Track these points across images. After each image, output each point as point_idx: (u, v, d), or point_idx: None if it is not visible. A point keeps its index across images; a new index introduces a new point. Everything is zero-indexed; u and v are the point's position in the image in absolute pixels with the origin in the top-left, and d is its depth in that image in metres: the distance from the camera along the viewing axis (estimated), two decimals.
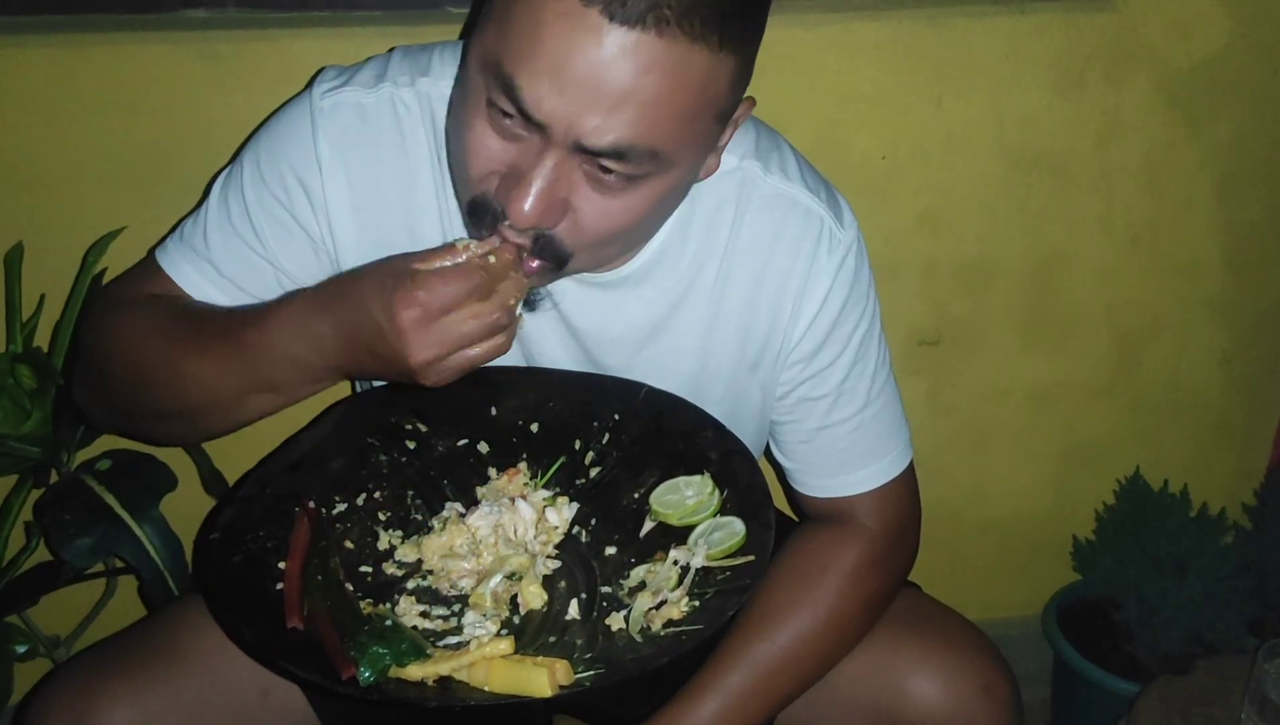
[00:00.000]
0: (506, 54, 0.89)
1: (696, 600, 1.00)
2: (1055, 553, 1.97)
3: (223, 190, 1.14)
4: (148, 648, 1.16)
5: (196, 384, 1.05)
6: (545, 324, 1.16)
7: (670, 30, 0.86)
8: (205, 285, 1.13)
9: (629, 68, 0.86)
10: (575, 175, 0.93)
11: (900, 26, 1.56)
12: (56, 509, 1.39)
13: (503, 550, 1.06)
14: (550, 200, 0.93)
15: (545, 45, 0.87)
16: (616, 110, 0.88)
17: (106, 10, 1.45)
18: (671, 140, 0.92)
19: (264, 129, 1.14)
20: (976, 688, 1.16)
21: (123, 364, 1.10)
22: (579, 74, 0.87)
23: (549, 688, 0.90)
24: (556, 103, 0.88)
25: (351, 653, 0.91)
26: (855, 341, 1.17)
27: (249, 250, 1.12)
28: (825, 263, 1.14)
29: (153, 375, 1.08)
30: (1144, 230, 1.76)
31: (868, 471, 1.21)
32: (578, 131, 0.89)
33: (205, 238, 1.13)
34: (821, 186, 1.17)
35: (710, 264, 1.14)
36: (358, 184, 1.10)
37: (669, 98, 0.89)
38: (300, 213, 1.11)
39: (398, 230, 1.12)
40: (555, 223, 0.95)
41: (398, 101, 1.10)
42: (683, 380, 1.18)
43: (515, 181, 0.93)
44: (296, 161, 1.10)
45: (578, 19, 0.86)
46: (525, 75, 0.88)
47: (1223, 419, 1.93)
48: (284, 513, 1.06)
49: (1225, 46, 1.64)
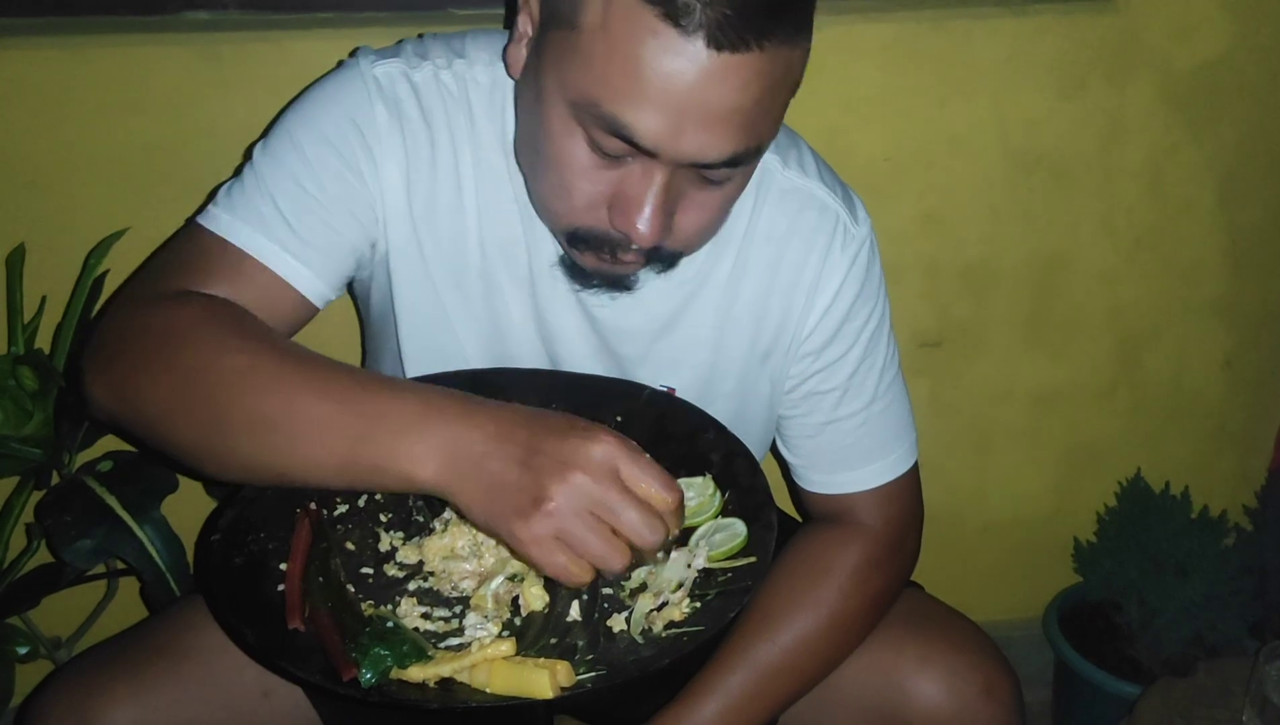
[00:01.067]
0: (605, 93, 0.89)
1: (698, 601, 1.00)
2: (1056, 554, 1.97)
3: (272, 154, 1.06)
4: (149, 649, 1.16)
5: (285, 439, 0.91)
6: (565, 313, 1.16)
7: (773, 42, 0.88)
8: (279, 252, 1.02)
9: (735, 85, 0.88)
10: (682, 183, 0.95)
11: (903, 28, 1.56)
12: (58, 510, 1.39)
13: (504, 552, 1.06)
14: (665, 217, 0.95)
15: (649, 80, 0.87)
16: (728, 125, 0.90)
17: (109, 12, 1.45)
18: (771, 132, 0.96)
19: (309, 97, 1.09)
20: (979, 688, 1.16)
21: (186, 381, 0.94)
22: (688, 102, 0.88)
23: (550, 689, 0.90)
24: (667, 131, 0.89)
25: (353, 654, 0.91)
26: (865, 337, 1.18)
27: (316, 206, 1.05)
28: (839, 257, 1.15)
29: (227, 405, 0.93)
30: (1146, 232, 1.76)
31: (872, 468, 1.21)
32: (692, 153, 0.91)
33: (275, 203, 1.03)
34: (837, 183, 1.19)
35: (727, 255, 1.15)
36: (411, 154, 1.09)
37: (772, 99, 0.92)
38: (365, 169, 1.07)
39: (439, 207, 1.12)
40: (671, 233, 0.98)
41: (441, 81, 1.10)
42: (696, 371, 1.18)
43: (629, 206, 0.94)
44: (360, 120, 1.07)
45: (680, 51, 0.86)
46: (632, 112, 0.89)
47: (1224, 421, 1.93)
48: (285, 514, 1.06)
49: (1227, 48, 1.64)
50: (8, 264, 1.45)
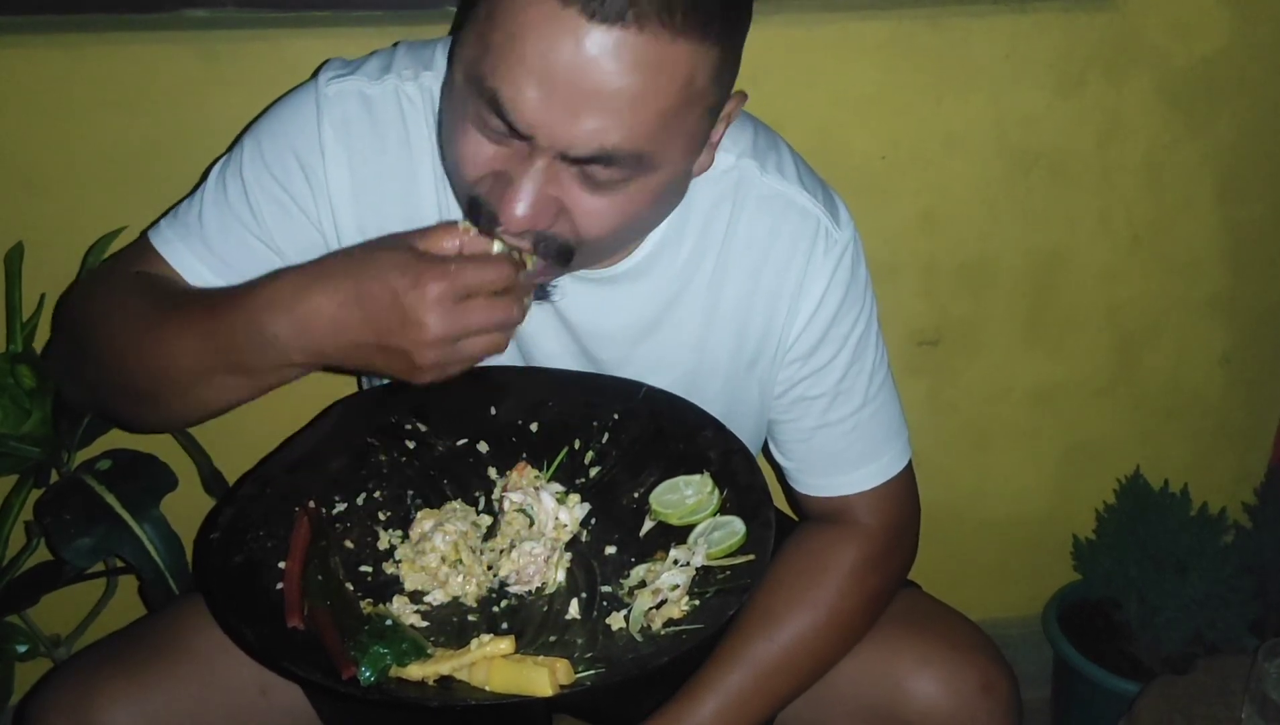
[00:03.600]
0: (488, 66, 0.89)
1: (697, 599, 1.00)
2: (1056, 552, 1.97)
3: (220, 173, 1.13)
4: (148, 647, 1.16)
5: (163, 356, 1.02)
6: (541, 318, 1.16)
7: (651, 24, 0.85)
8: (196, 263, 1.11)
9: (611, 68, 0.86)
10: (565, 176, 0.93)
11: (900, 26, 1.56)
12: (57, 509, 1.39)
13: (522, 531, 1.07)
14: (541, 204, 0.93)
15: (526, 52, 0.87)
16: (600, 115, 0.88)
17: (106, 10, 1.45)
18: (656, 140, 0.91)
19: (267, 114, 1.14)
20: (977, 687, 1.16)
21: (95, 334, 1.08)
22: (561, 79, 0.86)
23: (550, 687, 0.90)
24: (540, 112, 0.88)
25: (352, 652, 0.91)
26: (852, 341, 1.17)
27: (244, 230, 1.11)
28: (821, 263, 1.14)
29: (120, 343, 1.05)
30: (1144, 230, 1.76)
31: (865, 471, 1.21)
32: (563, 140, 0.89)
33: (200, 216, 1.12)
34: (818, 187, 1.17)
35: (706, 261, 1.14)
36: (359, 172, 1.10)
37: (652, 96, 0.88)
38: (299, 194, 1.10)
39: (396, 221, 1.12)
40: (549, 224, 0.95)
41: (402, 94, 1.10)
42: (678, 376, 1.18)
43: (505, 186, 0.93)
44: (299, 144, 1.09)
45: (557, 21, 0.85)
46: (508, 87, 0.88)
47: (1223, 419, 1.93)
48: (284, 512, 1.06)
49: (1226, 45, 1.64)
50: (6, 262, 1.44)
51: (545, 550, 1.05)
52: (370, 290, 0.92)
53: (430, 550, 1.04)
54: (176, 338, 1.01)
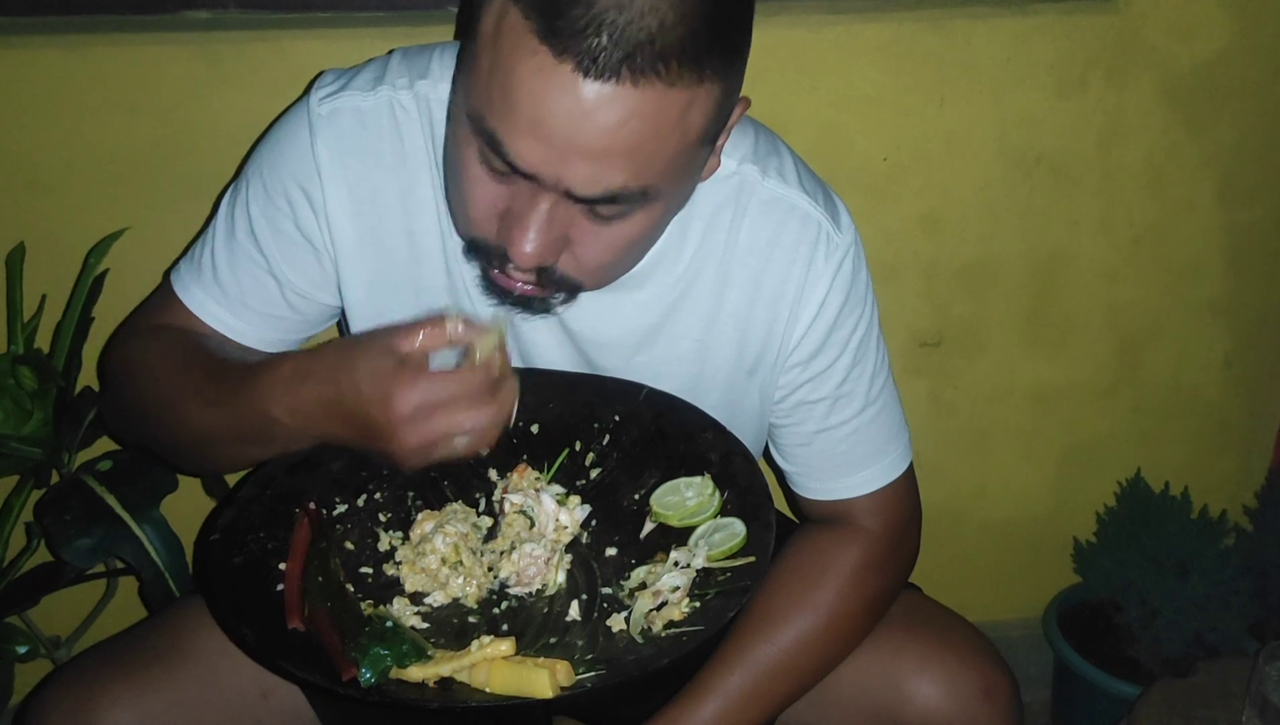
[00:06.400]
0: (488, 109, 0.89)
1: (697, 601, 1.00)
2: (1056, 554, 1.97)
3: (229, 208, 1.16)
4: (148, 649, 1.16)
5: (192, 428, 1.07)
6: (542, 327, 1.16)
7: (646, 78, 0.85)
8: (214, 307, 1.15)
9: (608, 119, 0.86)
10: (571, 212, 0.93)
11: (902, 28, 1.56)
12: (57, 509, 1.39)
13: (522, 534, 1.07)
14: (548, 241, 0.93)
15: (522, 101, 0.86)
16: (601, 160, 0.88)
17: (108, 11, 1.45)
18: (660, 177, 0.92)
19: (264, 140, 1.14)
20: (977, 690, 1.16)
21: (135, 397, 1.14)
22: (559, 129, 0.86)
23: (550, 689, 0.90)
24: (541, 156, 0.88)
25: (352, 654, 0.91)
26: (853, 345, 1.17)
27: (255, 267, 1.13)
28: (822, 267, 1.14)
29: (158, 412, 1.11)
30: (1145, 231, 1.76)
31: (867, 474, 1.21)
32: (566, 182, 0.89)
33: (212, 258, 1.15)
34: (819, 190, 1.16)
35: (708, 268, 1.14)
36: (357, 188, 1.10)
37: (652, 142, 0.88)
38: (304, 222, 1.11)
39: (397, 233, 1.12)
40: (556, 259, 0.96)
41: (396, 105, 1.10)
42: (680, 384, 1.18)
43: (513, 225, 0.93)
44: (297, 171, 1.10)
45: (551, 74, 0.85)
46: (507, 131, 0.88)
47: (1224, 421, 1.93)
48: (284, 514, 1.06)
49: (1227, 47, 1.64)
50: (7, 263, 1.44)
51: (546, 552, 1.05)
52: (347, 397, 0.95)
53: (431, 552, 1.04)
54: (201, 413, 1.06)
